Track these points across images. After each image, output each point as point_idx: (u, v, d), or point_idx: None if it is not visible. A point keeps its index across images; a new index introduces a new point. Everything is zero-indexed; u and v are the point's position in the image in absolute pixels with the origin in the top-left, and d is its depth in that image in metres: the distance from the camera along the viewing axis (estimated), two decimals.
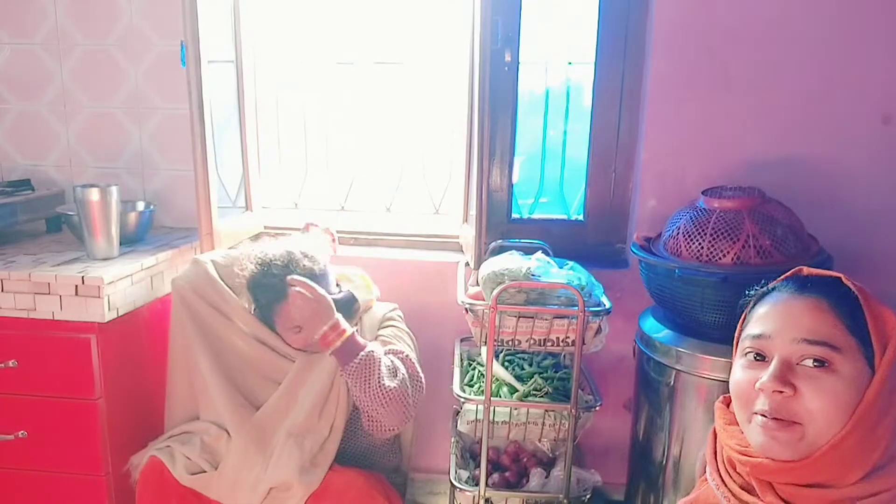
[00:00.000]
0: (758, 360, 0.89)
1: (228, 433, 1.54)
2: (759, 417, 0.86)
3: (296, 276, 1.51)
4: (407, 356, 1.59)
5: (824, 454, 0.82)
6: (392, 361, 1.55)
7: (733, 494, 0.91)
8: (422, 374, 1.59)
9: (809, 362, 0.84)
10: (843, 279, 0.87)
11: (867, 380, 0.82)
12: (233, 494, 1.45)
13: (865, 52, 1.68)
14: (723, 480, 0.94)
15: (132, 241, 1.85)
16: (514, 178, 2.02)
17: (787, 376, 0.84)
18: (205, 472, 1.50)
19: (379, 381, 1.48)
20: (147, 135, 2.09)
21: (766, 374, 0.86)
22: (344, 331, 1.49)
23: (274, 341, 1.61)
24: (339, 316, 1.51)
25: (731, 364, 0.95)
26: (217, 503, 1.48)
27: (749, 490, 0.90)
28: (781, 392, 0.84)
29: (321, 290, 1.51)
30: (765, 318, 0.90)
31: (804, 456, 0.83)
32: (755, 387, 0.87)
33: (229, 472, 1.47)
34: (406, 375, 1.54)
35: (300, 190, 2.23)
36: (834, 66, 1.70)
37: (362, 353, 1.49)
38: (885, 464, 0.82)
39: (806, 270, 0.91)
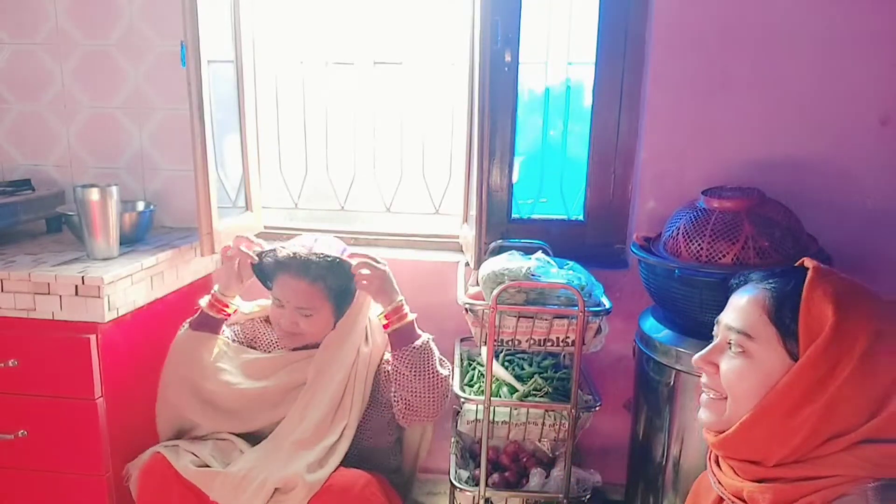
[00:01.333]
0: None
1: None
2: (703, 391, 0.99)
3: (356, 252, 1.59)
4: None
5: (736, 430, 0.90)
6: (441, 356, 1.60)
7: (711, 467, 1.00)
8: None
9: (733, 347, 0.93)
10: (811, 272, 0.89)
11: (786, 369, 0.87)
12: (235, 495, 1.45)
13: (864, 53, 1.68)
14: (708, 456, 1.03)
15: (132, 241, 1.85)
16: (514, 178, 2.02)
17: (712, 356, 0.97)
18: (210, 467, 1.49)
19: (434, 368, 1.55)
20: (147, 135, 2.09)
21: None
22: (406, 315, 1.56)
23: (274, 371, 1.64)
24: (402, 298, 1.57)
25: None
26: None
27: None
28: (704, 369, 0.97)
29: (384, 265, 1.56)
30: (725, 306, 1.00)
31: (726, 429, 0.92)
32: None
33: (238, 472, 1.47)
34: (452, 372, 1.62)
35: (300, 190, 2.23)
36: (833, 66, 1.70)
37: (420, 340, 1.55)
38: (825, 454, 0.84)
39: (807, 262, 0.93)
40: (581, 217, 2.02)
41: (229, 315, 1.67)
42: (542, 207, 2.08)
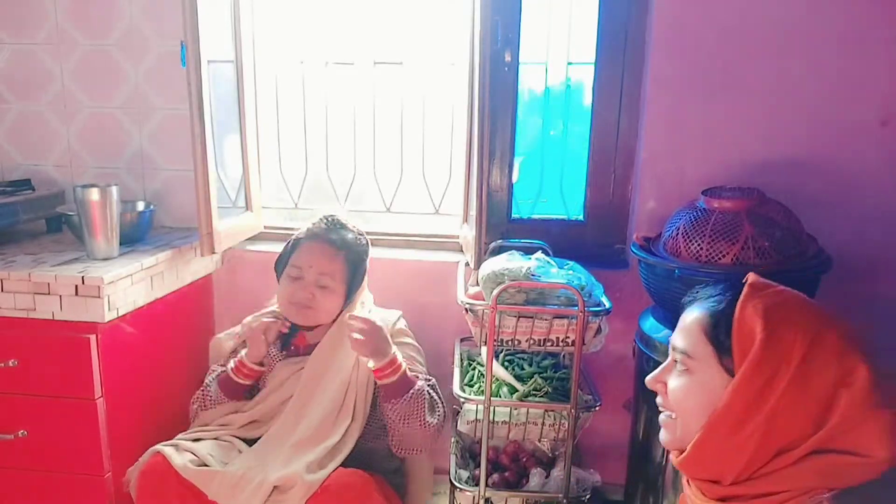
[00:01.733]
0: None
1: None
2: (660, 411, 1.00)
3: (353, 314, 1.58)
4: (435, 384, 1.65)
5: (690, 450, 0.90)
6: (430, 394, 1.60)
7: (685, 488, 1.01)
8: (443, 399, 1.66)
9: (678, 365, 0.95)
10: (745, 288, 0.90)
11: (725, 387, 0.87)
12: (232, 494, 1.45)
13: (864, 53, 1.68)
14: None
15: (132, 241, 1.85)
16: (514, 178, 2.02)
17: (662, 376, 0.99)
18: (208, 466, 1.50)
19: (423, 419, 1.55)
20: (147, 135, 2.09)
21: None
22: (400, 366, 1.55)
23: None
24: (395, 350, 1.56)
25: None
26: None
27: None
28: (656, 388, 0.99)
29: (378, 322, 1.56)
30: None
31: (682, 449, 0.93)
32: None
33: (236, 471, 1.47)
34: (443, 410, 1.62)
35: (300, 190, 2.23)
36: (833, 66, 1.70)
37: (412, 390, 1.55)
38: (777, 469, 0.84)
39: (750, 277, 0.93)
40: (581, 217, 2.02)
41: (257, 377, 1.69)
42: (542, 207, 2.08)
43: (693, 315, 0.94)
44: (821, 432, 0.81)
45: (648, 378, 1.00)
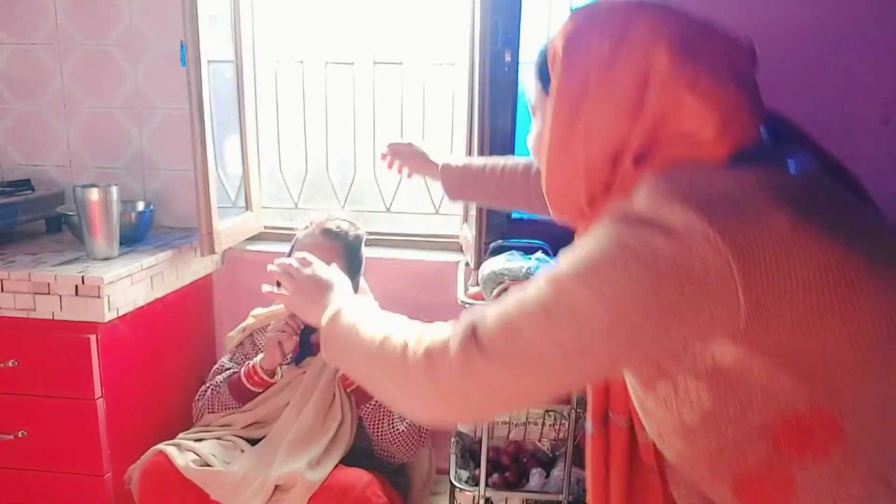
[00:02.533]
0: None
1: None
2: None
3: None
4: None
5: (546, 194, 0.86)
6: None
7: None
8: None
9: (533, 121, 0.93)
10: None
11: None
12: (235, 495, 1.45)
13: (865, 52, 1.68)
14: None
15: (132, 241, 1.85)
16: None
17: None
18: (210, 466, 1.50)
19: (391, 425, 1.57)
20: (147, 135, 2.09)
21: None
22: None
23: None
24: None
25: None
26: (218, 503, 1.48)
27: None
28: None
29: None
30: None
31: None
32: None
33: (238, 471, 1.47)
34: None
35: (300, 190, 2.23)
36: (833, 66, 1.69)
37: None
38: (623, 181, 0.78)
39: None
40: None
41: (268, 386, 1.67)
42: None
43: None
44: (641, 122, 0.74)
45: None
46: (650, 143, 0.75)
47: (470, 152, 1.83)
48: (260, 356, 1.64)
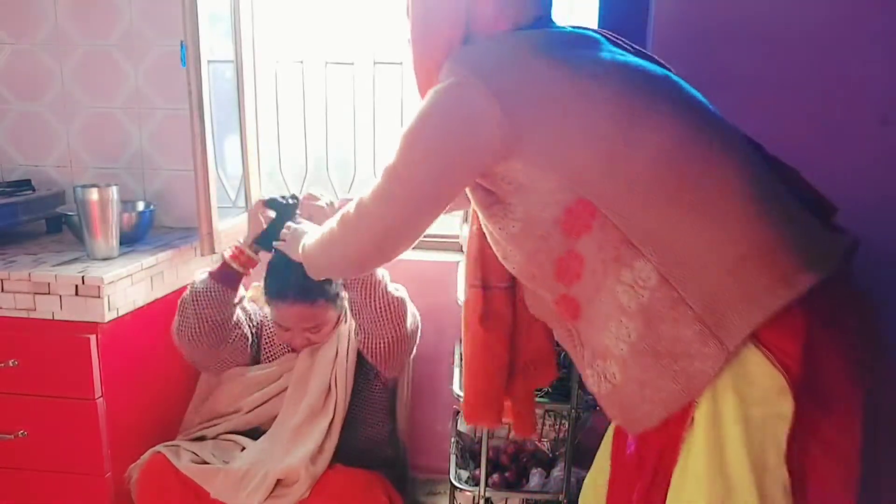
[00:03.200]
0: None
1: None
2: None
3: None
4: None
5: None
6: (395, 285, 1.62)
7: None
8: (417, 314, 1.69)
9: None
10: None
11: None
12: (235, 492, 1.45)
13: (864, 53, 1.67)
14: None
15: (132, 241, 1.85)
16: None
17: None
18: (209, 464, 1.50)
19: (384, 290, 1.55)
20: (147, 135, 2.09)
21: None
22: None
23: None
24: None
25: None
26: (217, 502, 1.48)
27: None
28: None
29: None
30: None
31: None
32: None
33: (239, 468, 1.47)
34: (407, 297, 1.63)
35: (300, 189, 2.23)
36: (833, 66, 1.69)
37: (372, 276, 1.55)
38: None
39: None
40: None
41: (252, 267, 1.62)
42: None
43: None
44: (461, 12, 1.07)
45: None
46: (466, 30, 1.04)
47: None
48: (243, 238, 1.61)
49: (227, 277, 1.59)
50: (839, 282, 0.92)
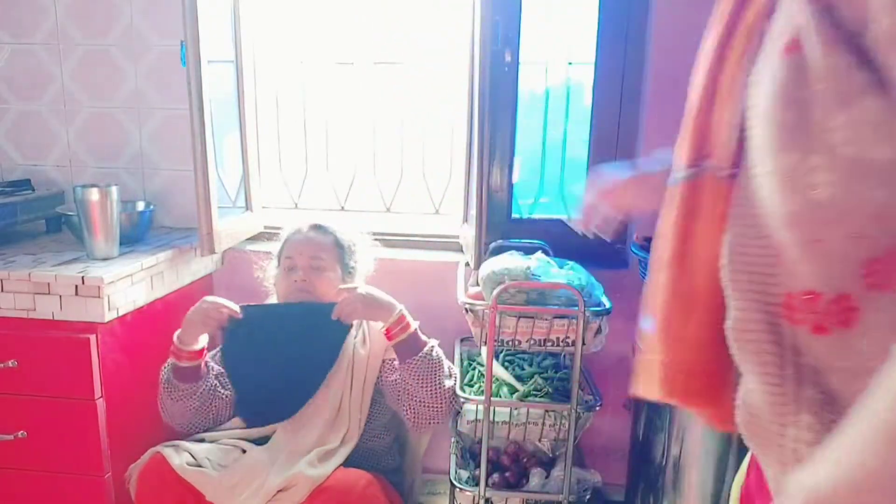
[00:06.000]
0: None
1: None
2: None
3: (342, 286, 1.63)
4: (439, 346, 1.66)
5: None
6: (446, 361, 1.62)
7: None
8: None
9: None
10: None
11: None
12: (231, 497, 1.44)
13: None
14: None
15: (132, 241, 1.85)
16: (514, 178, 2.02)
17: None
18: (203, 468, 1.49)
19: (440, 380, 1.56)
20: (147, 135, 2.09)
21: None
22: (409, 325, 1.57)
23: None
24: (402, 308, 1.58)
25: None
26: None
27: None
28: None
29: (366, 286, 1.60)
30: None
31: None
32: None
33: (234, 474, 1.47)
34: (454, 373, 1.64)
35: (300, 190, 2.23)
36: None
37: (426, 349, 1.56)
38: None
39: None
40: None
41: (202, 356, 1.62)
42: (542, 207, 2.08)
43: None
44: None
45: None
46: None
47: (470, 152, 1.84)
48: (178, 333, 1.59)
49: (184, 373, 1.60)
50: None
